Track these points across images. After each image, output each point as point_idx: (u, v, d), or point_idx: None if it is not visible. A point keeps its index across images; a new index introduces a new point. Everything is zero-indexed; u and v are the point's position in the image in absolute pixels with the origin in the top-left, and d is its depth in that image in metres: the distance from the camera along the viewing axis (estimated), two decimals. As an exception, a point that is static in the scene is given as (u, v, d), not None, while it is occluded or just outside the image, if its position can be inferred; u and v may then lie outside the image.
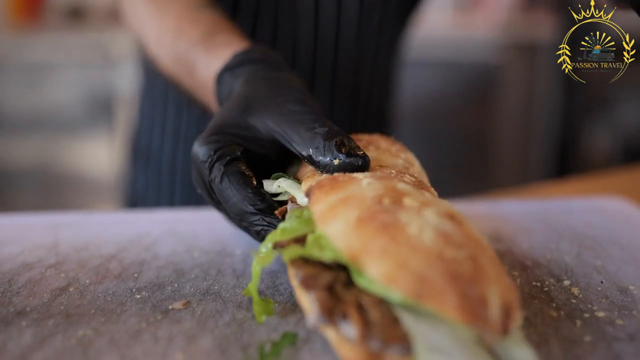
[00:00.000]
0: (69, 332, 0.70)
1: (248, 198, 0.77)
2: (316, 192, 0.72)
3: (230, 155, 0.79)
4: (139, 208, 1.48)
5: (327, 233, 0.66)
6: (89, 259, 0.89)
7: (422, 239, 0.60)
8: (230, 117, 0.82)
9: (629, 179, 1.52)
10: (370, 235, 0.61)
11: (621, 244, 0.95)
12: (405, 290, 0.57)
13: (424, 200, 0.68)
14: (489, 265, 0.62)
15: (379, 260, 0.59)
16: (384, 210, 0.64)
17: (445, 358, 0.56)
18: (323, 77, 1.36)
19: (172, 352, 0.66)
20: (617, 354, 0.66)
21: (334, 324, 0.61)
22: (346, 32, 1.34)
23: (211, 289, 0.80)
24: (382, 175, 0.73)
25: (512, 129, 3.69)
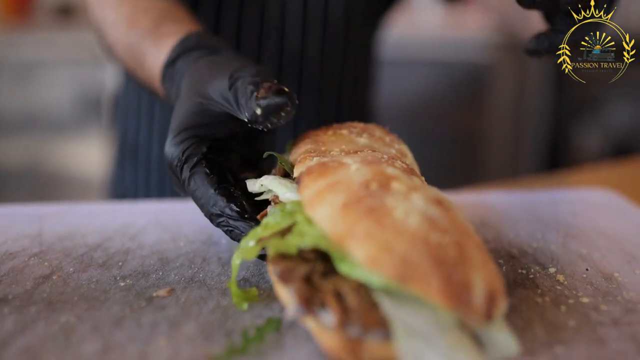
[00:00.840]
0: (51, 318, 0.69)
1: (211, 199, 0.78)
2: (305, 179, 0.72)
3: (196, 155, 0.79)
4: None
5: (313, 218, 0.66)
6: (73, 248, 0.88)
7: (407, 223, 0.60)
8: (189, 112, 0.81)
9: (616, 173, 1.53)
10: (355, 219, 0.61)
11: (607, 234, 0.95)
12: (390, 273, 0.57)
13: (412, 185, 0.67)
14: (475, 251, 0.62)
15: (363, 243, 0.59)
16: (371, 195, 0.64)
17: (424, 342, 0.56)
18: (290, 70, 1.36)
19: (155, 338, 0.65)
20: (601, 338, 0.66)
21: (312, 314, 0.61)
22: (312, 25, 1.33)
23: (196, 276, 0.80)
24: (372, 159, 0.73)
25: (503, 128, 3.69)
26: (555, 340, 0.65)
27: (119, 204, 1.07)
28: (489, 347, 0.60)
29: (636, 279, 0.80)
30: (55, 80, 3.58)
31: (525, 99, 3.71)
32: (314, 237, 0.65)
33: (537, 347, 0.64)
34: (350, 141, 0.83)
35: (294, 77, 1.36)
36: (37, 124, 3.59)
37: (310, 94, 1.39)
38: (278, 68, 1.34)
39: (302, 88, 1.37)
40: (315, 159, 0.75)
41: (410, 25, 3.30)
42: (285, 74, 1.35)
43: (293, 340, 0.65)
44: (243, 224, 0.76)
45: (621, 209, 1.07)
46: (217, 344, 0.65)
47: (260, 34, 1.31)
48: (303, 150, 0.82)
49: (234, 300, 0.71)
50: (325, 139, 0.84)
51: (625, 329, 0.68)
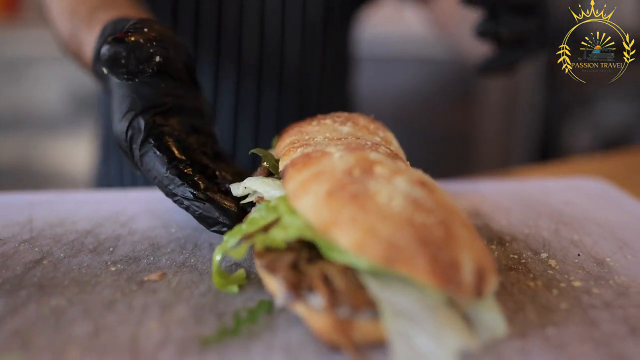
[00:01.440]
0: (42, 302, 0.69)
1: (165, 180, 0.77)
2: (289, 171, 0.71)
3: (142, 133, 0.78)
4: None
5: (298, 209, 0.65)
6: (63, 235, 0.87)
7: (391, 206, 0.60)
8: (125, 90, 0.80)
9: (608, 163, 1.53)
10: (339, 207, 0.61)
11: (598, 221, 0.95)
12: (376, 256, 0.57)
13: (396, 169, 0.67)
14: (461, 230, 0.62)
15: (348, 229, 0.59)
16: (354, 181, 0.63)
17: (412, 322, 0.56)
18: (270, 70, 1.36)
19: (146, 321, 0.65)
20: (592, 320, 0.66)
21: (301, 299, 0.61)
22: (292, 23, 1.34)
23: (187, 261, 0.80)
24: (356, 146, 0.73)
25: (494, 126, 3.70)
26: (546, 322, 0.66)
27: (109, 192, 1.07)
28: (479, 327, 0.60)
29: (628, 264, 0.80)
30: (46, 77, 3.56)
31: (517, 97, 3.72)
32: (298, 228, 0.65)
33: (529, 329, 0.64)
34: (333, 130, 0.83)
35: (275, 76, 1.36)
36: (27, 121, 3.57)
37: (292, 92, 1.39)
38: (259, 67, 1.35)
39: (283, 85, 1.37)
40: (299, 150, 0.75)
41: (402, 23, 3.30)
42: (266, 73, 1.35)
43: (285, 322, 0.65)
44: (197, 203, 0.77)
45: (613, 198, 1.07)
46: (208, 326, 0.64)
47: (239, 33, 1.31)
48: (287, 142, 0.82)
49: (217, 284, 0.71)
50: (309, 130, 0.84)
51: (617, 311, 0.68)
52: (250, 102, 1.35)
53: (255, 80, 1.34)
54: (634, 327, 0.65)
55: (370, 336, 0.59)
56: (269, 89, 1.36)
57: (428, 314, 0.57)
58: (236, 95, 1.34)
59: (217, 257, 0.70)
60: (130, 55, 0.76)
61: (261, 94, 1.35)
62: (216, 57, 1.31)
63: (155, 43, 0.78)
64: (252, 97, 1.35)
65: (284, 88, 1.37)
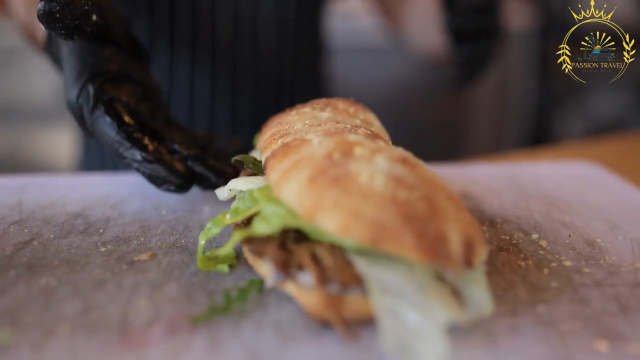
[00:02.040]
0: (31, 281, 0.68)
1: (115, 144, 0.80)
2: (270, 162, 0.71)
3: (91, 99, 0.80)
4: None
5: (282, 198, 0.65)
6: (53, 217, 0.87)
7: (373, 186, 0.59)
8: (74, 62, 0.82)
9: (599, 148, 1.53)
10: (321, 191, 0.60)
11: (590, 203, 0.95)
12: (362, 238, 0.57)
13: (376, 148, 0.67)
14: (446, 203, 0.62)
15: (332, 213, 0.58)
16: (334, 165, 0.63)
17: (399, 299, 0.56)
18: (245, 57, 1.36)
19: (136, 299, 0.65)
20: (583, 298, 0.66)
21: (291, 278, 0.61)
22: (266, 9, 1.34)
23: (178, 242, 0.79)
24: (334, 130, 0.73)
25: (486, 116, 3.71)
26: (537, 301, 0.66)
27: (99, 175, 1.06)
28: (467, 303, 0.60)
29: (618, 245, 0.80)
30: (35, 68, 3.54)
31: (509, 88, 3.73)
32: (280, 218, 0.64)
33: (519, 307, 0.64)
34: (313, 117, 0.82)
35: (250, 64, 1.36)
36: (16, 112, 3.54)
37: (268, 80, 1.40)
38: (233, 52, 1.35)
39: (259, 73, 1.38)
40: (279, 141, 0.75)
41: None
42: (241, 61, 1.36)
43: (275, 300, 0.65)
44: (145, 164, 0.80)
45: (604, 181, 1.07)
46: (199, 304, 0.64)
47: (213, 21, 1.31)
48: (268, 135, 0.81)
49: (202, 266, 0.71)
50: (289, 119, 0.83)
51: (607, 290, 0.68)
52: (226, 90, 1.35)
53: (231, 67, 1.35)
54: (624, 305, 0.65)
55: (361, 312, 0.59)
56: (245, 76, 1.36)
57: (416, 289, 0.57)
58: (212, 83, 1.34)
59: (202, 242, 0.70)
60: (64, 9, 0.77)
61: (237, 81, 1.35)
62: (192, 45, 1.31)
63: (90, 2, 0.80)
64: (228, 84, 1.35)
65: (259, 75, 1.37)
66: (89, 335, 0.58)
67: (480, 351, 0.57)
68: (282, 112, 0.88)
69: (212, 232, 0.70)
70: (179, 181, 0.82)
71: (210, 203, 0.93)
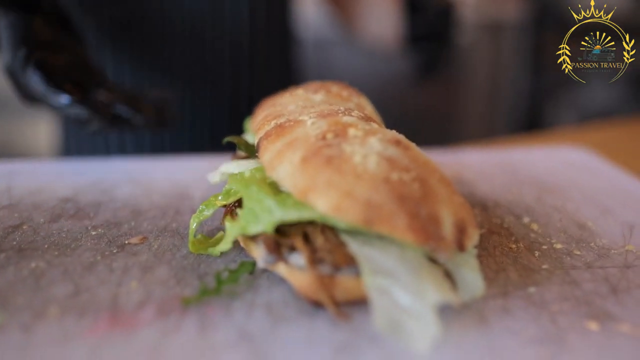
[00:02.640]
0: (21, 264, 0.68)
1: (46, 95, 0.85)
2: (263, 143, 0.71)
3: (25, 59, 0.86)
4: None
5: (275, 179, 0.65)
6: (43, 202, 0.86)
7: (367, 167, 0.59)
8: (14, 31, 0.89)
9: (592, 135, 1.53)
10: (315, 172, 0.60)
11: (581, 188, 0.96)
12: (355, 218, 0.56)
13: (369, 129, 0.67)
14: (439, 185, 0.62)
15: (325, 193, 0.58)
16: (328, 145, 0.63)
17: (391, 279, 0.56)
18: (220, 46, 1.36)
19: (127, 281, 0.64)
20: (574, 279, 0.67)
21: (282, 259, 0.61)
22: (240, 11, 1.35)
23: (169, 226, 0.79)
24: (328, 112, 0.72)
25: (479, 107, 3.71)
26: (528, 282, 0.66)
27: (89, 161, 1.05)
28: (459, 285, 0.60)
29: (609, 228, 0.80)
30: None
31: (501, 79, 3.73)
32: (270, 213, 0.62)
33: (511, 289, 0.64)
34: (306, 99, 0.82)
35: (227, 52, 1.37)
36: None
37: (245, 80, 1.40)
38: (207, 52, 1.35)
39: (240, 73, 1.38)
40: (272, 122, 0.75)
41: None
42: (218, 50, 1.36)
43: (267, 282, 0.65)
44: (73, 109, 0.85)
45: (595, 166, 1.07)
46: (190, 287, 0.64)
47: (183, 19, 1.32)
48: (261, 117, 0.81)
49: (193, 250, 0.71)
50: (282, 101, 0.83)
51: (598, 271, 0.68)
52: (204, 76, 1.35)
53: (204, 56, 1.35)
54: (614, 287, 0.65)
55: (352, 293, 0.59)
56: (220, 64, 1.35)
57: (408, 270, 0.57)
58: (187, 70, 1.35)
59: (193, 225, 0.70)
60: None
61: (213, 68, 1.36)
62: (162, 30, 1.31)
63: None
64: (205, 70, 1.35)
65: (232, 65, 1.38)
66: (78, 316, 0.58)
67: (472, 331, 0.57)
68: (275, 95, 0.87)
69: (204, 214, 0.69)
70: (102, 121, 0.88)
71: (201, 189, 0.92)
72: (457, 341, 0.56)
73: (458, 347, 0.55)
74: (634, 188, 0.96)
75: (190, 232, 0.70)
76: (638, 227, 0.81)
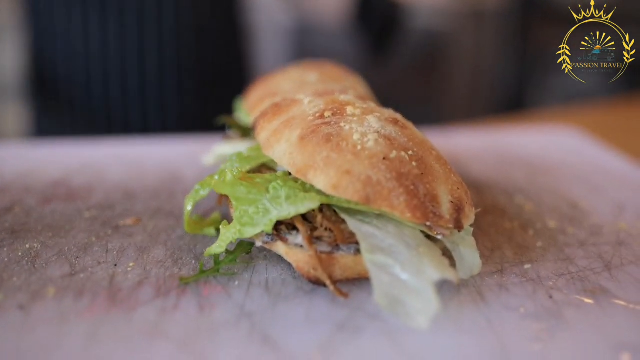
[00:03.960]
0: (14, 245, 0.67)
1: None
2: (260, 122, 0.70)
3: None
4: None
5: (273, 157, 0.64)
6: (34, 184, 0.85)
7: (365, 145, 0.59)
8: None
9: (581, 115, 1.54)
10: (313, 149, 0.60)
11: (572, 168, 0.96)
12: (355, 196, 0.56)
13: (367, 108, 0.67)
14: (436, 164, 0.62)
15: (324, 171, 0.58)
16: (326, 123, 0.62)
17: (390, 257, 0.56)
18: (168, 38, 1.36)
19: (124, 261, 0.64)
20: (568, 256, 0.67)
21: (281, 238, 0.61)
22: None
23: (163, 208, 0.79)
24: (324, 91, 0.72)
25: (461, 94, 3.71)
26: (524, 260, 0.66)
27: (79, 144, 1.04)
28: (457, 262, 0.61)
29: (600, 207, 0.81)
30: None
31: (483, 65, 3.73)
32: (265, 214, 0.60)
33: (507, 266, 0.65)
34: (300, 79, 0.81)
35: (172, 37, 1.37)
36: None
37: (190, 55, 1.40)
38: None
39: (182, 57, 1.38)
40: (268, 101, 0.74)
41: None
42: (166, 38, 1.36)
43: (264, 261, 0.65)
44: None
45: (585, 146, 1.08)
46: (187, 266, 0.64)
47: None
48: (255, 97, 0.81)
49: (189, 231, 0.70)
50: (275, 81, 0.83)
51: (591, 249, 0.69)
52: (154, 62, 1.35)
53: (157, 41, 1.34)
54: (608, 263, 0.66)
55: (351, 271, 0.59)
56: (169, 50, 1.35)
57: (407, 248, 0.57)
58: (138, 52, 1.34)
59: (189, 207, 0.69)
60: None
61: (164, 56, 1.36)
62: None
63: None
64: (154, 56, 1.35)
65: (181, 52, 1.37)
66: (76, 296, 0.57)
67: (470, 308, 0.57)
68: (267, 75, 0.87)
69: (200, 194, 0.69)
70: None
71: (193, 171, 0.92)
72: (456, 317, 0.56)
73: (457, 323, 0.55)
74: (621, 167, 0.97)
75: (186, 213, 0.69)
76: (628, 206, 0.82)
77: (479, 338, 0.53)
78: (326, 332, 0.53)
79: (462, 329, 0.54)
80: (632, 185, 0.89)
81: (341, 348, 0.51)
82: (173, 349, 0.51)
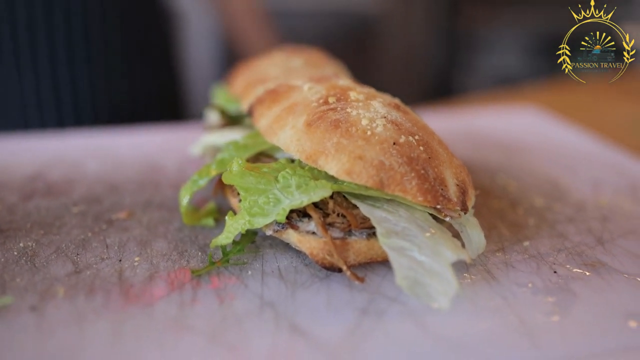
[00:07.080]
0: (7, 245, 0.64)
1: None
2: (258, 108, 0.69)
3: None
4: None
5: (277, 144, 0.64)
6: (10, 180, 0.82)
7: (374, 130, 0.60)
8: None
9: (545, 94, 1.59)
10: (322, 135, 0.60)
11: (543, 147, 1.00)
12: (368, 180, 0.56)
13: (368, 93, 0.67)
14: (440, 148, 0.63)
15: (336, 157, 0.58)
16: (332, 109, 0.63)
17: (405, 241, 0.56)
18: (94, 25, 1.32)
19: (128, 256, 0.62)
20: (561, 232, 0.70)
21: (293, 226, 0.61)
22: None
23: (153, 200, 0.77)
24: (321, 77, 0.72)
25: (393, 77, 3.76)
26: (521, 237, 0.68)
27: (45, 137, 1.00)
28: (465, 242, 0.62)
29: (579, 184, 0.84)
30: None
31: (414, 48, 3.79)
32: (282, 210, 0.60)
33: (507, 244, 0.67)
34: (284, 64, 0.81)
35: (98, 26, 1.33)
36: None
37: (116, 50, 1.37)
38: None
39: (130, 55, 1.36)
40: (260, 87, 0.73)
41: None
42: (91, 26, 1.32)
43: (271, 250, 0.64)
44: None
45: (553, 125, 1.12)
46: (194, 258, 0.63)
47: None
48: (243, 83, 0.79)
49: (188, 222, 0.70)
50: (260, 66, 0.82)
51: (580, 225, 0.72)
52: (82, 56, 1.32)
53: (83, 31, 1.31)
54: (599, 238, 0.69)
55: (364, 255, 0.59)
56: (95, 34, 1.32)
57: (420, 230, 0.58)
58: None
59: (185, 200, 0.68)
60: None
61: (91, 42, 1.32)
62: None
63: None
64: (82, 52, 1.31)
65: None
66: (87, 295, 0.56)
67: (484, 286, 0.59)
68: (251, 60, 0.86)
69: (198, 184, 0.67)
70: None
71: (172, 159, 0.90)
72: (472, 296, 0.57)
73: (474, 302, 0.57)
74: (589, 144, 1.01)
75: (184, 204, 0.68)
76: (603, 183, 0.85)
77: (498, 315, 0.55)
78: (351, 317, 0.54)
79: (480, 307, 0.56)
80: (600, 162, 0.93)
81: (369, 332, 0.52)
82: (203, 342, 0.50)
